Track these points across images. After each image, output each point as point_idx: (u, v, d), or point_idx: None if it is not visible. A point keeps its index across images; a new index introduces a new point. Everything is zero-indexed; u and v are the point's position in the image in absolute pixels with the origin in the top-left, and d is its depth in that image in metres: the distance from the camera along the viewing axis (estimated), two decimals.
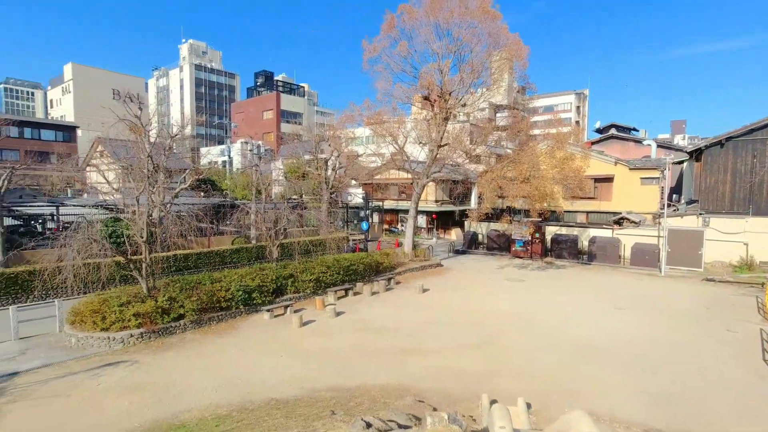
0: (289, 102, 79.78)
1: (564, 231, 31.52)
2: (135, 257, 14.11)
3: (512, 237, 30.72)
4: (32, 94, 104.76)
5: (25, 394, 9.66)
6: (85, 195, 37.49)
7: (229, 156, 60.90)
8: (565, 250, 29.25)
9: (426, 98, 26.23)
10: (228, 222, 30.03)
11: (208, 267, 21.96)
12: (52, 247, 14.83)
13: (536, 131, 31.44)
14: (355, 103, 28.25)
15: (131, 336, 12.87)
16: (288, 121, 71.22)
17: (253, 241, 26.87)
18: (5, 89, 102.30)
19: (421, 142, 27.86)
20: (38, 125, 54.67)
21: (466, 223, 38.25)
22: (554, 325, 15.32)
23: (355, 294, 19.96)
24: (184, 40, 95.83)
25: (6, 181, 17.71)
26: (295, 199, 38.25)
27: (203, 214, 26.64)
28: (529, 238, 29.89)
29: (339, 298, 19.12)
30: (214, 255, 22.81)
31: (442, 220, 43.49)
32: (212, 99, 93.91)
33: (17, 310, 12.99)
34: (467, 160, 29.77)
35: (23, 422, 8.50)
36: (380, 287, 20.51)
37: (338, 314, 16.50)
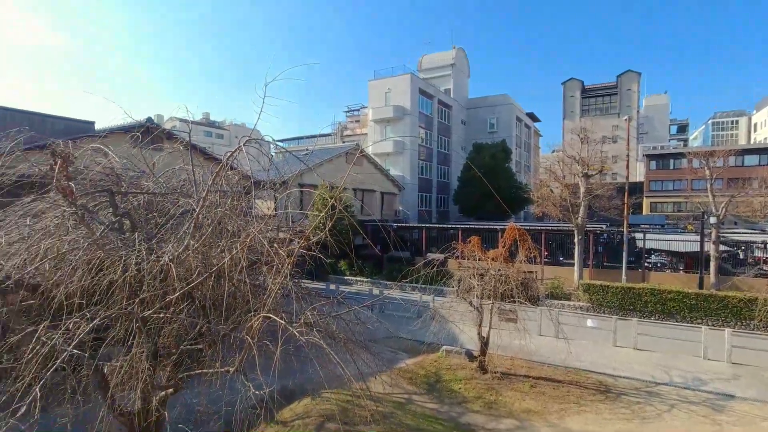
0: None
1: None
2: None
3: None
4: (736, 122, 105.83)
5: (744, 420, 9.74)
6: None
7: None
8: None
9: None
10: None
11: None
12: (757, 276, 14.10)
13: None
14: None
15: None
16: None
17: None
18: (712, 124, 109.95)
19: None
20: (742, 152, 54.31)
21: None
22: None
23: None
24: None
25: (724, 209, 18.71)
26: None
27: None
28: None
29: None
30: None
31: None
32: None
33: (731, 335, 13.39)
34: None
35: None
36: None
37: None
